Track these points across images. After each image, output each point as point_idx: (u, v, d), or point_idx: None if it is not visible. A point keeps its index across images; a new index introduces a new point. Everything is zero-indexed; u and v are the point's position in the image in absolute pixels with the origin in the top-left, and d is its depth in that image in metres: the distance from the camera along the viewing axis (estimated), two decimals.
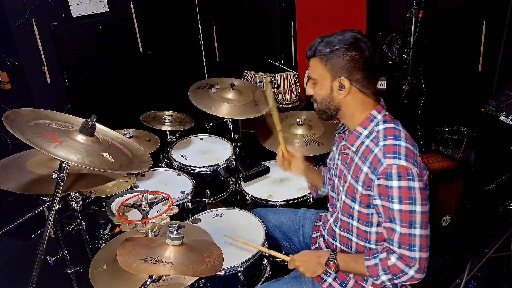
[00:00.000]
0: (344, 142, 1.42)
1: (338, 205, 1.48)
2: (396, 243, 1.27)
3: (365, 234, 1.40)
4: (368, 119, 1.36)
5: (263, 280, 1.70)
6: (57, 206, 1.37)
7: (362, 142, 1.36)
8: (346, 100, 1.35)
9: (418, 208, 1.24)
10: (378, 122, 1.35)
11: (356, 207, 1.38)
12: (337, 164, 1.50)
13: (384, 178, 1.25)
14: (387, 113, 1.38)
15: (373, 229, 1.38)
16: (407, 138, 1.31)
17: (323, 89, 1.36)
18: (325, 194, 1.79)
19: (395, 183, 1.23)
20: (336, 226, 1.50)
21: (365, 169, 1.31)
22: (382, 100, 1.40)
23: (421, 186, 1.25)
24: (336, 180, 1.51)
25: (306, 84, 1.46)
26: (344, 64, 1.30)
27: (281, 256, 1.55)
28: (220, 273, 1.57)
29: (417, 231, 1.25)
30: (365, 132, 1.35)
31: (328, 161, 1.75)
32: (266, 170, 2.23)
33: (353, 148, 1.38)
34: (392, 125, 1.34)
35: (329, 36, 1.34)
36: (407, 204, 1.24)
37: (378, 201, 1.29)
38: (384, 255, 1.30)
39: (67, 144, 1.26)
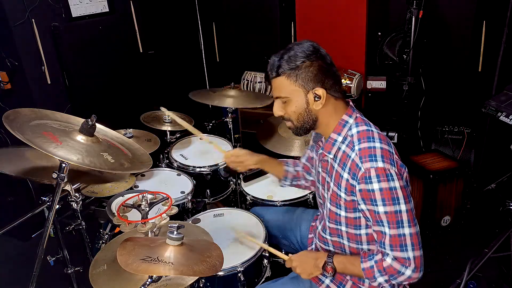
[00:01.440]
0: (321, 151, 1.42)
1: (325, 212, 1.47)
2: (388, 246, 1.26)
3: (356, 237, 1.40)
4: (341, 124, 1.35)
5: (263, 280, 1.70)
6: (57, 206, 1.37)
7: (339, 148, 1.36)
8: (323, 109, 1.34)
9: (402, 207, 1.24)
10: (350, 126, 1.35)
11: (342, 213, 1.37)
12: (319, 172, 1.49)
13: (364, 183, 1.25)
14: (358, 115, 1.38)
15: (363, 231, 1.37)
16: (381, 138, 1.30)
17: (298, 105, 1.34)
18: (288, 186, 1.79)
19: (375, 186, 1.23)
20: (325, 233, 1.50)
21: (345, 175, 1.31)
22: (351, 102, 1.41)
23: (401, 184, 1.25)
24: (320, 187, 1.51)
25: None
26: (314, 75, 1.29)
27: (280, 254, 1.54)
28: (220, 273, 1.57)
29: (406, 230, 1.24)
30: (340, 138, 1.35)
31: (303, 160, 1.75)
32: None
33: (331, 156, 1.38)
34: (364, 127, 1.33)
35: (287, 51, 1.31)
36: (391, 205, 1.23)
37: (363, 206, 1.29)
38: (379, 256, 1.30)
39: (67, 144, 1.27)
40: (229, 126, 2.49)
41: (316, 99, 1.32)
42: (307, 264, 1.42)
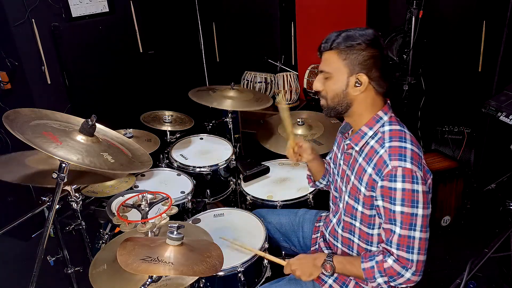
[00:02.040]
0: (348, 142, 1.41)
1: (341, 205, 1.47)
2: (395, 245, 1.26)
3: (367, 236, 1.39)
4: (374, 119, 1.34)
5: (263, 280, 1.70)
6: (57, 206, 1.37)
7: (367, 143, 1.35)
8: (360, 97, 1.32)
9: (420, 211, 1.23)
10: (384, 123, 1.33)
11: (359, 208, 1.37)
12: (340, 164, 1.49)
13: (388, 180, 1.24)
14: (393, 114, 1.37)
15: (375, 231, 1.37)
16: (412, 141, 1.30)
17: (338, 84, 1.32)
18: (320, 187, 1.78)
19: (399, 185, 1.23)
20: (338, 227, 1.50)
21: (369, 170, 1.30)
22: (389, 101, 1.39)
23: (424, 189, 1.24)
24: (339, 180, 1.50)
25: (306, 78, 1.42)
26: (364, 60, 1.28)
27: (277, 260, 1.53)
28: (220, 273, 1.56)
29: (417, 234, 1.24)
30: (370, 133, 1.34)
31: (327, 158, 1.75)
32: (266, 170, 2.23)
33: (357, 148, 1.37)
34: (398, 127, 1.33)
35: (348, 30, 1.30)
36: (409, 207, 1.23)
37: (379, 202, 1.28)
38: (380, 257, 1.30)
39: (67, 144, 1.27)
40: (229, 126, 2.49)
41: (356, 84, 1.30)
42: (306, 265, 1.41)
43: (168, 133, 2.46)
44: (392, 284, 1.30)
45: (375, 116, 1.34)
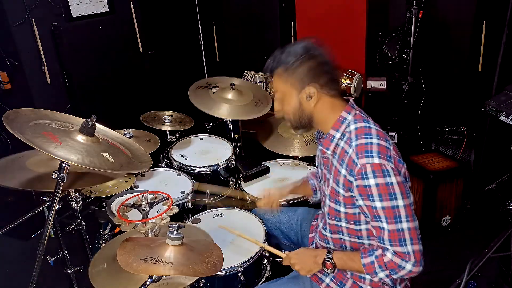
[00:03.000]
0: (320, 147, 1.43)
1: (326, 209, 1.48)
2: (387, 241, 1.27)
3: (356, 232, 1.41)
4: (339, 121, 1.36)
5: (263, 280, 1.70)
6: (57, 206, 1.37)
7: (338, 145, 1.36)
8: (317, 107, 1.36)
9: (400, 202, 1.24)
10: (349, 123, 1.35)
11: (342, 209, 1.38)
12: (321, 169, 1.51)
13: (361, 179, 1.26)
14: (357, 112, 1.38)
15: (363, 226, 1.38)
16: (378, 135, 1.31)
17: (292, 103, 1.37)
18: (318, 200, 1.80)
19: (372, 181, 1.24)
20: (326, 230, 1.51)
21: (343, 171, 1.32)
22: (351, 100, 1.42)
23: (398, 180, 1.25)
24: (322, 184, 1.52)
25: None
26: (305, 75, 1.32)
27: (276, 252, 1.55)
28: (220, 273, 1.57)
29: (404, 225, 1.25)
30: (338, 135, 1.36)
31: (317, 163, 1.76)
32: (266, 170, 2.23)
33: (329, 152, 1.39)
34: (362, 124, 1.34)
35: (280, 52, 1.36)
36: (388, 200, 1.24)
37: (361, 202, 1.30)
38: (379, 252, 1.30)
39: (67, 144, 1.27)
40: (229, 126, 2.49)
41: (307, 98, 1.34)
42: (306, 261, 1.42)
43: (168, 133, 2.46)
44: (394, 277, 1.30)
45: (339, 118, 1.37)
